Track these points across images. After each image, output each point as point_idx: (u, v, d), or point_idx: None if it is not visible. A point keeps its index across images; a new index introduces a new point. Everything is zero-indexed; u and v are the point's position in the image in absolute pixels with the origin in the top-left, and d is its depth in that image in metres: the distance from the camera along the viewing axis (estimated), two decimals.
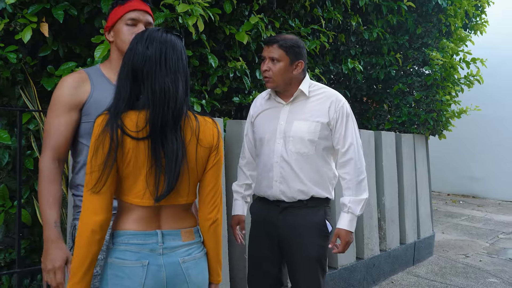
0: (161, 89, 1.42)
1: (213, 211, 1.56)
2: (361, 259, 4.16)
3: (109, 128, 1.39)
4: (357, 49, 4.77)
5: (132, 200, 1.46)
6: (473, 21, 6.32)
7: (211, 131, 1.55)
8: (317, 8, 3.98)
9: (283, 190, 2.26)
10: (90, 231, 1.39)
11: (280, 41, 2.19)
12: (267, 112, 2.36)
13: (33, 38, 2.45)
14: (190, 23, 2.70)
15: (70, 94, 1.72)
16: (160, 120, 1.40)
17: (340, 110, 2.24)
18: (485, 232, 6.84)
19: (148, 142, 1.41)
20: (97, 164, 1.39)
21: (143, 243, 1.46)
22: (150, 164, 1.42)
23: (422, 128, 5.20)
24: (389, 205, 4.59)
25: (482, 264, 5.18)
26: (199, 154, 1.50)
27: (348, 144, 2.24)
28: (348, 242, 2.24)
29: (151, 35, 1.48)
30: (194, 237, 1.56)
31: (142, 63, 1.44)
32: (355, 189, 2.24)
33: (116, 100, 1.44)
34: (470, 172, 10.23)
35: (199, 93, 3.27)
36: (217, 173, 1.57)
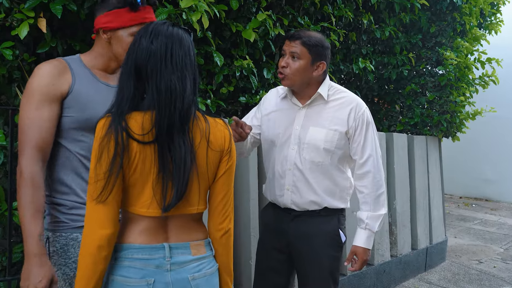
0: (167, 88, 1.29)
1: (224, 221, 1.44)
2: (371, 265, 4.03)
3: (113, 131, 1.26)
4: (368, 48, 4.63)
5: (138, 210, 1.33)
6: (487, 20, 6.15)
7: (222, 134, 1.43)
8: (327, 6, 3.85)
9: (295, 200, 2.12)
10: (97, 247, 1.25)
11: (304, 38, 2.03)
12: (281, 113, 2.21)
13: (30, 34, 2.35)
14: (194, 19, 2.59)
15: (52, 83, 1.56)
16: (167, 122, 1.28)
17: (360, 118, 2.09)
18: (498, 237, 6.66)
19: (155, 147, 1.29)
20: (102, 171, 1.25)
21: (149, 258, 1.32)
22: (157, 171, 1.29)
23: (435, 130, 5.04)
24: (401, 209, 4.45)
25: (496, 270, 5.02)
26: (209, 158, 1.38)
27: (366, 155, 2.09)
28: (365, 261, 2.11)
29: (156, 29, 1.34)
30: (205, 251, 1.43)
31: (146, 59, 1.32)
32: (373, 204, 2.10)
33: (119, 100, 1.31)
34: (483, 174, 10.01)
35: (204, 93, 3.16)
36: (229, 179, 1.45)
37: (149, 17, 1.70)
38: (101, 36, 1.70)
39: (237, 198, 3.02)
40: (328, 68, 2.16)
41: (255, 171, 2.99)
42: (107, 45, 1.70)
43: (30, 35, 2.38)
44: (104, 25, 1.67)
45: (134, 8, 1.65)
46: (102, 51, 1.72)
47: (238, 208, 3.01)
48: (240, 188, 3.01)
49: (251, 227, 2.92)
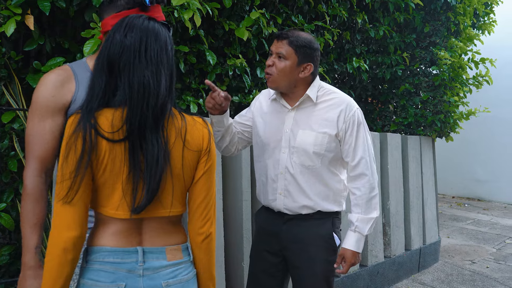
0: (139, 83, 1.23)
1: (205, 225, 1.37)
2: (364, 266, 4.00)
3: (81, 128, 1.20)
4: (362, 48, 4.59)
5: (109, 211, 1.27)
6: (481, 21, 6.14)
7: (201, 132, 1.36)
8: (322, 4, 3.81)
9: (287, 204, 2.08)
10: (62, 250, 1.19)
11: (291, 38, 1.98)
12: (271, 116, 2.15)
13: (17, 32, 2.29)
14: (186, 17, 2.54)
15: (54, 95, 1.53)
16: (139, 119, 1.22)
17: (350, 120, 2.03)
18: (491, 237, 6.66)
19: (125, 145, 1.22)
20: (68, 170, 1.20)
21: (120, 262, 1.26)
22: (128, 170, 1.23)
23: (429, 130, 5.02)
24: (394, 210, 4.42)
25: (489, 271, 5.01)
26: (186, 158, 1.31)
27: (358, 157, 2.04)
28: (353, 264, 2.06)
29: (131, 23, 1.28)
30: (181, 256, 1.35)
31: (119, 54, 1.25)
32: (364, 206, 2.04)
33: (89, 96, 1.25)
34: (476, 174, 10.03)
35: (197, 92, 3.11)
36: (209, 181, 1.37)
37: (159, 16, 1.65)
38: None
39: (229, 199, 2.97)
40: (317, 69, 2.09)
41: (248, 172, 2.95)
42: None
43: (18, 33, 2.32)
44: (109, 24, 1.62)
45: (144, 9, 1.60)
46: None
47: (230, 209, 2.97)
48: (233, 189, 2.96)
49: (244, 228, 2.88)
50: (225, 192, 2.94)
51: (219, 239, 2.77)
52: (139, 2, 1.59)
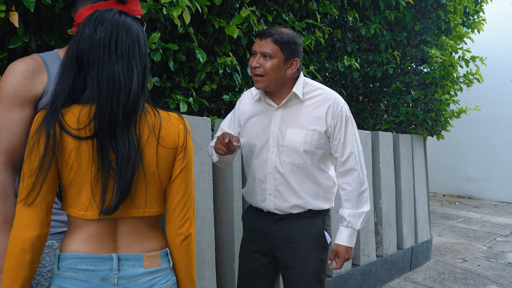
0: (109, 79, 1.17)
1: (184, 225, 1.30)
2: (357, 266, 3.97)
3: (45, 125, 1.14)
4: (353, 46, 4.57)
5: (78, 212, 1.20)
6: (471, 19, 6.15)
7: (176, 128, 1.29)
8: (312, 2, 3.78)
9: (278, 204, 2.04)
10: (20, 250, 1.14)
11: (276, 35, 1.93)
12: (257, 116, 2.11)
13: (1, 29, 2.23)
14: (175, 14, 2.49)
15: (24, 85, 1.43)
16: (108, 117, 1.16)
17: (338, 115, 2.01)
18: (482, 235, 6.68)
19: (93, 143, 1.16)
20: (31, 167, 1.14)
21: (94, 270, 1.20)
22: (96, 169, 1.17)
23: (420, 128, 5.01)
24: (386, 209, 4.41)
25: (480, 269, 5.02)
26: (160, 155, 1.25)
27: (348, 152, 2.02)
28: (347, 259, 2.05)
29: (101, 16, 1.23)
30: (160, 263, 1.29)
31: (88, 48, 1.19)
32: (355, 201, 2.03)
33: (56, 92, 1.19)
34: (466, 172, 10.08)
35: (186, 91, 3.07)
36: (187, 179, 1.32)
37: (136, 10, 1.58)
38: None
39: (220, 199, 2.93)
40: (301, 65, 2.06)
41: (239, 172, 2.91)
42: None
43: (2, 30, 2.27)
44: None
45: (121, 1, 1.52)
46: None
47: (221, 209, 2.92)
48: (223, 189, 2.92)
49: (235, 229, 2.84)
50: (216, 192, 2.89)
51: (210, 240, 2.73)
52: None
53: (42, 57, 1.53)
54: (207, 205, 2.73)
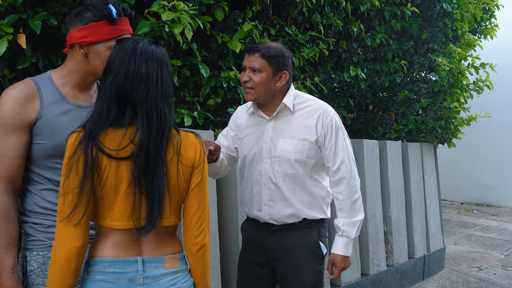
0: (158, 115, 1.32)
1: (200, 235, 1.42)
2: (366, 275, 3.97)
3: (83, 147, 1.26)
4: (359, 56, 4.60)
5: (110, 223, 1.33)
6: (482, 25, 6.13)
7: (193, 148, 1.43)
8: (316, 15, 3.84)
9: (273, 214, 2.09)
10: (65, 260, 1.25)
11: (263, 50, 2.00)
12: (251, 129, 2.18)
13: (10, 50, 2.34)
14: (177, 32, 2.57)
15: (16, 112, 1.50)
16: (156, 147, 1.30)
17: (328, 125, 2.05)
18: (499, 243, 6.58)
19: (130, 163, 1.30)
20: (70, 187, 1.26)
21: (121, 272, 1.32)
22: (127, 185, 1.30)
23: (430, 137, 5.00)
24: (396, 218, 4.40)
25: (496, 277, 4.95)
26: (180, 172, 1.38)
27: (339, 161, 2.06)
28: (343, 268, 2.07)
29: (146, 51, 1.35)
30: (179, 265, 1.42)
31: (136, 84, 1.32)
32: (349, 210, 2.06)
33: (95, 116, 1.30)
34: (484, 179, 9.93)
35: (191, 105, 3.14)
36: (202, 193, 1.44)
37: (126, 29, 1.66)
38: (77, 51, 1.62)
39: (224, 210, 2.98)
40: (291, 77, 2.12)
41: None
42: (84, 60, 1.63)
43: (11, 51, 2.37)
44: (80, 40, 1.59)
45: (111, 21, 1.60)
46: (78, 66, 1.64)
47: (225, 220, 2.98)
48: (227, 200, 2.98)
49: (240, 239, 2.87)
50: (220, 203, 2.95)
51: (215, 251, 2.78)
52: (106, 15, 1.60)
53: (35, 81, 1.59)
54: (211, 217, 2.78)
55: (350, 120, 5.04)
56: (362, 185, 4.00)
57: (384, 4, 4.57)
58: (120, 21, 1.63)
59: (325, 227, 2.17)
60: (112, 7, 1.60)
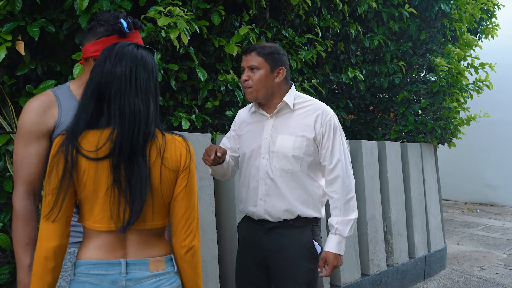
0: (130, 110, 1.32)
1: (187, 238, 1.43)
2: (366, 275, 3.99)
3: (64, 149, 1.30)
4: (358, 58, 4.63)
5: (92, 225, 1.36)
6: (483, 25, 6.14)
7: (179, 151, 1.43)
8: (313, 17, 3.87)
9: (268, 209, 2.13)
10: (43, 258, 1.30)
11: (258, 48, 2.09)
12: (252, 126, 2.24)
13: (9, 57, 2.38)
14: (173, 36, 2.61)
15: (37, 121, 1.61)
16: (130, 143, 1.31)
17: (327, 124, 2.11)
18: (502, 243, 6.57)
19: (109, 163, 1.32)
20: (50, 188, 1.30)
21: (105, 274, 1.34)
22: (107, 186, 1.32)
23: (429, 137, 5.01)
24: (396, 218, 4.41)
25: (498, 277, 4.95)
26: (163, 175, 1.39)
27: (335, 160, 2.11)
28: (335, 266, 2.10)
29: (121, 52, 1.37)
30: (164, 267, 1.42)
31: (110, 82, 1.34)
32: (343, 209, 2.10)
33: (76, 119, 1.34)
34: (488, 179, 9.90)
35: (189, 108, 3.18)
36: (188, 196, 1.44)
37: (137, 41, 1.73)
38: (91, 64, 1.72)
39: (223, 212, 3.02)
40: (289, 75, 2.19)
41: None
42: None
43: (10, 58, 2.42)
44: (94, 54, 1.69)
45: (123, 35, 1.68)
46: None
47: (224, 222, 3.01)
48: (225, 202, 3.01)
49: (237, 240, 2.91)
50: (218, 206, 2.98)
51: (213, 252, 2.81)
52: (118, 30, 1.68)
53: (55, 92, 1.69)
54: (209, 218, 2.82)
55: (350, 121, 5.07)
56: (361, 185, 4.03)
57: (381, 5, 4.60)
58: (131, 34, 1.71)
59: (319, 227, 2.20)
60: (124, 21, 1.69)
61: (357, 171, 4.05)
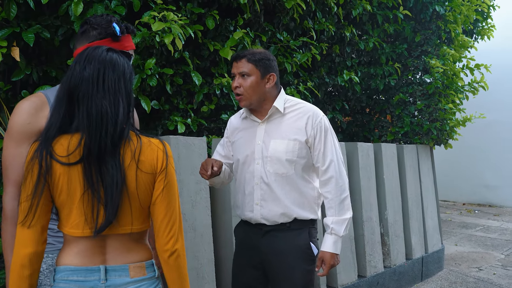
0: (97, 112, 1.30)
1: (169, 242, 1.40)
2: (363, 277, 4.00)
3: (38, 155, 1.29)
4: (353, 60, 4.65)
5: (69, 230, 1.35)
6: (479, 26, 6.17)
7: (155, 153, 1.40)
8: (308, 20, 3.89)
9: (264, 214, 2.15)
10: (19, 265, 1.29)
11: (248, 55, 2.10)
12: (244, 132, 2.26)
13: (5, 63, 2.40)
14: (167, 41, 2.63)
15: (28, 122, 1.59)
16: (98, 145, 1.29)
17: (317, 126, 2.14)
18: (500, 243, 6.59)
19: (81, 168, 1.30)
20: (26, 194, 1.29)
21: (84, 280, 1.33)
22: (82, 191, 1.31)
23: (425, 138, 5.03)
24: (393, 219, 4.43)
25: (495, 277, 4.97)
26: (139, 179, 1.37)
27: (328, 161, 2.14)
28: (332, 266, 2.13)
29: (90, 54, 1.37)
30: (145, 273, 1.41)
31: (78, 84, 1.33)
32: (337, 208, 2.13)
33: (48, 124, 1.34)
34: (486, 180, 9.92)
35: (185, 112, 3.20)
36: (168, 199, 1.42)
37: (129, 45, 1.75)
38: None
39: (219, 215, 3.03)
40: (279, 80, 2.21)
41: None
42: None
43: (5, 64, 2.43)
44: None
45: (116, 39, 1.69)
46: None
47: (220, 225, 3.02)
48: (222, 205, 3.02)
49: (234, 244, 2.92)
50: (214, 209, 3.00)
51: (209, 255, 2.82)
52: (110, 33, 1.69)
53: (46, 94, 1.68)
54: (205, 221, 2.83)
55: (346, 124, 5.09)
56: (357, 187, 4.04)
57: (376, 8, 4.63)
58: (124, 38, 1.73)
59: (315, 228, 2.23)
60: (116, 26, 1.69)
61: (353, 173, 4.06)
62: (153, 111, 3.04)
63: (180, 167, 2.72)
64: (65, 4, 2.43)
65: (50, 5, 2.49)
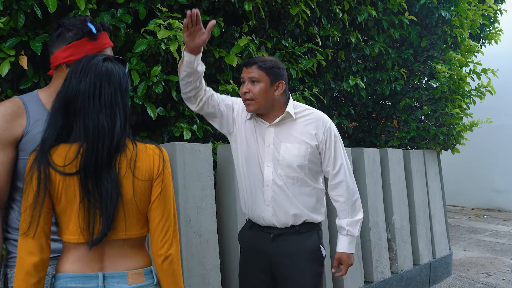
0: (94, 126, 1.32)
1: (163, 247, 1.41)
2: (370, 283, 3.99)
3: (36, 165, 1.31)
4: (359, 66, 4.66)
5: (68, 238, 1.36)
6: (486, 31, 6.15)
7: (151, 159, 1.42)
8: (313, 27, 3.91)
9: (276, 214, 2.18)
10: (25, 274, 1.30)
11: (259, 62, 2.13)
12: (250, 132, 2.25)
13: (13, 71, 2.44)
14: (173, 49, 2.66)
15: (4, 128, 1.52)
16: (95, 157, 1.31)
17: (328, 132, 2.19)
18: (509, 248, 6.53)
19: (78, 178, 1.32)
20: (27, 204, 1.31)
21: (82, 287, 1.35)
22: (79, 201, 1.33)
23: (432, 143, 5.02)
24: (399, 225, 4.41)
25: (504, 283, 4.93)
26: (136, 186, 1.38)
27: (338, 165, 2.19)
28: (350, 265, 2.22)
29: (85, 66, 1.38)
30: (143, 280, 1.42)
31: (75, 98, 1.34)
32: (350, 210, 2.21)
33: (45, 135, 1.35)
34: (495, 184, 9.84)
35: (191, 119, 3.22)
36: (164, 204, 1.43)
37: (107, 43, 1.73)
38: (64, 70, 1.65)
39: (225, 221, 3.04)
40: (287, 88, 2.23)
41: None
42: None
43: (13, 72, 2.47)
44: (66, 59, 1.63)
45: (92, 37, 1.66)
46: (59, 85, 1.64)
47: (226, 231, 3.03)
48: (227, 212, 3.04)
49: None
50: (220, 215, 3.01)
51: (215, 261, 2.83)
52: (87, 32, 1.65)
53: (22, 99, 1.62)
54: (211, 227, 2.84)
55: (352, 129, 5.09)
56: (363, 193, 4.04)
57: (381, 13, 4.64)
58: (101, 35, 1.69)
59: (322, 230, 2.29)
60: (91, 24, 1.67)
61: (360, 179, 4.06)
62: (159, 118, 3.07)
63: (186, 174, 2.74)
64: (72, 13, 2.46)
65: (57, 14, 2.52)
